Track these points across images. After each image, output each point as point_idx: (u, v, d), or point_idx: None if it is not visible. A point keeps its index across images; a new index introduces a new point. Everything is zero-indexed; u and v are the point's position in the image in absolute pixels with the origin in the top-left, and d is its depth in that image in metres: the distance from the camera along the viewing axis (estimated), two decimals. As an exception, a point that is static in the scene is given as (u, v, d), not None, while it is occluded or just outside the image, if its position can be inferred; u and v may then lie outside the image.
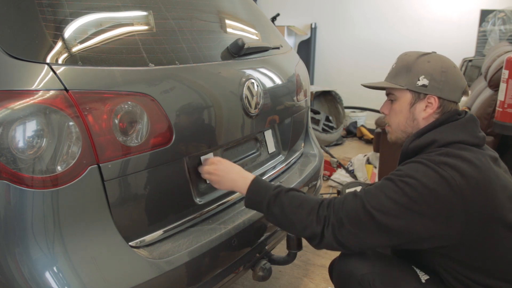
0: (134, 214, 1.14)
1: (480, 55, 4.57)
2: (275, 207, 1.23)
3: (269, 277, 1.50)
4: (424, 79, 1.22)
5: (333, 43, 5.52)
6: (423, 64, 1.24)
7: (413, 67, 1.25)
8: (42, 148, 0.94)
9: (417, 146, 1.21)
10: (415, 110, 1.26)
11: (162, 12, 1.33)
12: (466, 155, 1.12)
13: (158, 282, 1.10)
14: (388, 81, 1.31)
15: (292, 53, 1.97)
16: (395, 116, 1.31)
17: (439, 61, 1.25)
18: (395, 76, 1.29)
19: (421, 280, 1.24)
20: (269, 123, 1.63)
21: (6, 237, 0.95)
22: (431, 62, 1.24)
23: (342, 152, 4.35)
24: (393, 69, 1.31)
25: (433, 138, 1.19)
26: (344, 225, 1.14)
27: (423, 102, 1.24)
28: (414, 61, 1.26)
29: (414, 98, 1.25)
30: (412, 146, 1.22)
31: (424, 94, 1.24)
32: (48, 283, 0.95)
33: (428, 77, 1.22)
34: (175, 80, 1.24)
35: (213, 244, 1.26)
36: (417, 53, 1.29)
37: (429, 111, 1.24)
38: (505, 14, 4.47)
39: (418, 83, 1.23)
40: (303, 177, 1.80)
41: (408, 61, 1.27)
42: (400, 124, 1.30)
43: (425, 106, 1.24)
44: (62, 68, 1.00)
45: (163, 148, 1.16)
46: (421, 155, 1.18)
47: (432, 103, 1.23)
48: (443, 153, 1.13)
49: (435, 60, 1.25)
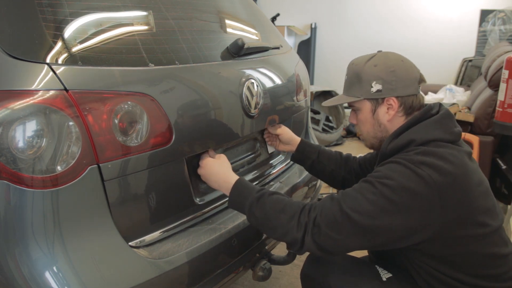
0: (134, 214, 1.14)
1: (480, 55, 4.57)
2: (257, 209, 1.22)
3: (269, 277, 1.50)
4: (376, 84, 1.23)
5: (333, 43, 5.52)
6: (370, 69, 1.24)
7: (362, 75, 1.25)
8: (42, 148, 0.94)
9: (395, 147, 1.21)
10: (378, 115, 1.27)
11: (162, 12, 1.33)
12: (443, 152, 1.13)
13: (158, 282, 1.10)
14: (344, 94, 1.33)
15: (292, 53, 1.97)
16: (362, 126, 1.32)
17: (385, 60, 1.25)
18: (349, 88, 1.30)
19: (382, 278, 1.27)
20: (269, 123, 1.63)
21: (6, 237, 0.95)
22: (378, 65, 1.24)
23: (342, 152, 4.35)
24: (346, 81, 1.32)
25: (410, 138, 1.19)
26: (321, 229, 1.13)
27: (384, 106, 1.25)
28: (362, 68, 1.26)
29: (374, 105, 1.26)
30: (390, 147, 1.22)
31: (381, 99, 1.25)
32: (48, 283, 0.95)
33: (380, 81, 1.23)
34: (175, 80, 1.24)
35: (213, 244, 1.26)
36: (363, 58, 1.29)
37: (391, 112, 1.25)
38: (505, 14, 4.47)
39: (372, 90, 1.24)
40: (303, 177, 1.80)
41: (356, 71, 1.28)
42: (369, 132, 1.32)
43: (386, 109, 1.25)
44: (62, 68, 1.00)
45: (163, 148, 1.16)
46: (399, 155, 1.18)
47: (392, 104, 1.24)
48: (421, 152, 1.14)
49: (381, 61, 1.25)
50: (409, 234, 1.12)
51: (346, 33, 5.39)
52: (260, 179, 1.65)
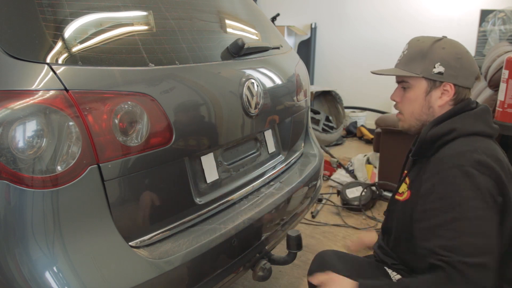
0: (134, 214, 1.14)
1: (480, 55, 4.57)
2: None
3: (269, 277, 1.50)
4: (440, 66, 1.20)
5: (333, 43, 5.52)
6: (438, 50, 1.21)
7: (428, 54, 1.22)
8: (42, 148, 0.94)
9: (436, 134, 1.19)
10: (431, 98, 1.24)
11: (162, 12, 1.33)
12: (489, 147, 1.15)
13: (158, 282, 1.10)
14: (400, 68, 1.27)
15: (292, 53, 1.97)
16: (409, 104, 1.27)
17: (454, 47, 1.23)
18: (408, 63, 1.25)
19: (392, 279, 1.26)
20: (269, 123, 1.63)
21: (6, 237, 0.95)
22: (446, 48, 1.22)
23: (342, 152, 4.35)
24: (405, 56, 1.27)
25: (452, 127, 1.17)
26: None
27: (439, 90, 1.22)
28: (429, 47, 1.22)
29: (430, 86, 1.23)
30: (430, 133, 1.20)
31: (440, 82, 1.22)
32: (48, 283, 0.95)
33: (444, 64, 1.20)
34: (175, 80, 1.24)
35: (213, 244, 1.26)
36: (430, 38, 1.25)
37: (445, 98, 1.22)
38: (505, 14, 4.47)
39: (434, 71, 1.21)
40: (303, 177, 1.80)
41: (422, 48, 1.24)
42: (414, 112, 1.27)
43: (441, 94, 1.22)
44: (62, 68, 1.00)
45: (163, 148, 1.16)
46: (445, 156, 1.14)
47: (448, 90, 1.22)
48: (470, 151, 1.11)
49: (449, 46, 1.22)
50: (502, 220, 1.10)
51: (346, 33, 5.38)
52: (260, 179, 1.65)
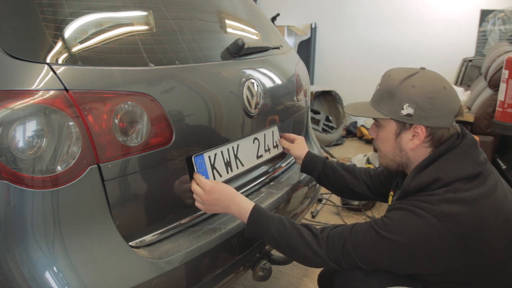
0: (134, 214, 1.14)
1: (480, 55, 4.57)
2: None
3: (269, 277, 1.50)
4: (408, 107, 1.11)
5: (333, 43, 5.52)
6: (407, 89, 1.12)
7: (396, 93, 1.13)
8: (42, 148, 0.94)
9: (419, 186, 1.12)
10: (401, 140, 1.17)
11: (162, 12, 1.33)
12: (469, 196, 1.06)
13: (158, 282, 1.10)
14: (372, 106, 1.22)
15: (292, 53, 1.97)
16: (382, 144, 1.23)
17: (426, 84, 1.12)
18: (378, 102, 1.19)
19: None
20: (269, 123, 1.63)
21: (6, 237, 0.95)
22: (416, 86, 1.12)
23: (342, 152, 4.35)
24: (377, 92, 1.22)
25: (436, 176, 1.09)
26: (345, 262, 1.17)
27: (409, 132, 1.15)
28: (397, 86, 1.14)
29: (399, 128, 1.16)
30: (413, 185, 1.13)
31: (409, 124, 1.14)
32: (48, 283, 0.95)
33: (413, 105, 1.11)
34: (175, 80, 1.24)
35: (213, 244, 1.26)
36: (402, 73, 1.16)
37: (416, 141, 1.15)
38: (505, 14, 4.47)
39: (403, 112, 1.13)
40: (303, 177, 1.80)
41: (390, 86, 1.16)
42: (387, 153, 1.23)
43: (411, 136, 1.15)
44: (62, 68, 1.00)
45: (163, 148, 1.16)
46: (420, 197, 1.11)
47: (419, 133, 1.13)
48: (445, 200, 1.06)
49: (420, 83, 1.12)
50: (432, 272, 1.10)
51: (346, 33, 5.38)
52: (260, 179, 1.65)
